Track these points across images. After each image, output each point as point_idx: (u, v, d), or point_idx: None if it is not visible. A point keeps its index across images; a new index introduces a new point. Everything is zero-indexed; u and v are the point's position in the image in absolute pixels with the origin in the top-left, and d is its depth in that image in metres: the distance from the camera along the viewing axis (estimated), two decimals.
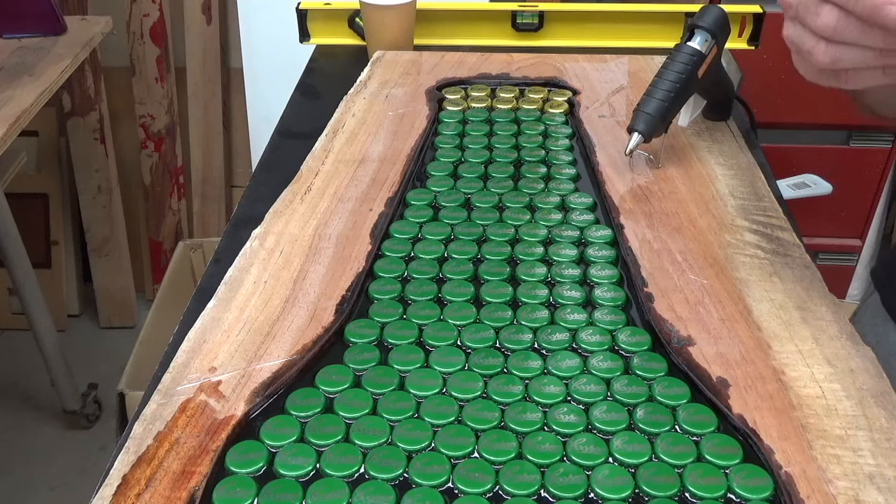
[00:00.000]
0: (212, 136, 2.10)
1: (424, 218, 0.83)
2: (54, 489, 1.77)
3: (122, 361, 1.50)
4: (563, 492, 0.55)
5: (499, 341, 0.68)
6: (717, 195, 0.86)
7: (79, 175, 2.08)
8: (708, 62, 0.87)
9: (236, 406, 0.61)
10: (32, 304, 1.74)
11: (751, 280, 0.73)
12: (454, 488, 0.55)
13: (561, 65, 1.15)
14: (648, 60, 1.16)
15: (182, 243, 1.84)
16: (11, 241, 1.67)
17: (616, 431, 0.59)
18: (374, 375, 0.64)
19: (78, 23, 1.59)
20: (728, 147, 0.95)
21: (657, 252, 0.77)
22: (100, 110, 2.02)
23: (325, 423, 0.60)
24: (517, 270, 0.76)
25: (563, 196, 0.87)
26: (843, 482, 0.55)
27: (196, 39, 2.01)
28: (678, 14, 1.28)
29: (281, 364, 0.64)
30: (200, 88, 2.05)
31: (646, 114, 0.85)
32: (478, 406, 0.61)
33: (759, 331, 0.68)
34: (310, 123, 1.02)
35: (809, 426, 0.59)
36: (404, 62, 1.16)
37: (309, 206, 0.84)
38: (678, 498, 0.55)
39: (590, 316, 0.70)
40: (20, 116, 1.27)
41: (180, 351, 0.66)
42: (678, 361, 0.65)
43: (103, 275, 2.16)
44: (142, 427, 0.59)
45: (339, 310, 0.70)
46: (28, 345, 1.86)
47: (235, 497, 0.54)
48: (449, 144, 0.96)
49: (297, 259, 0.76)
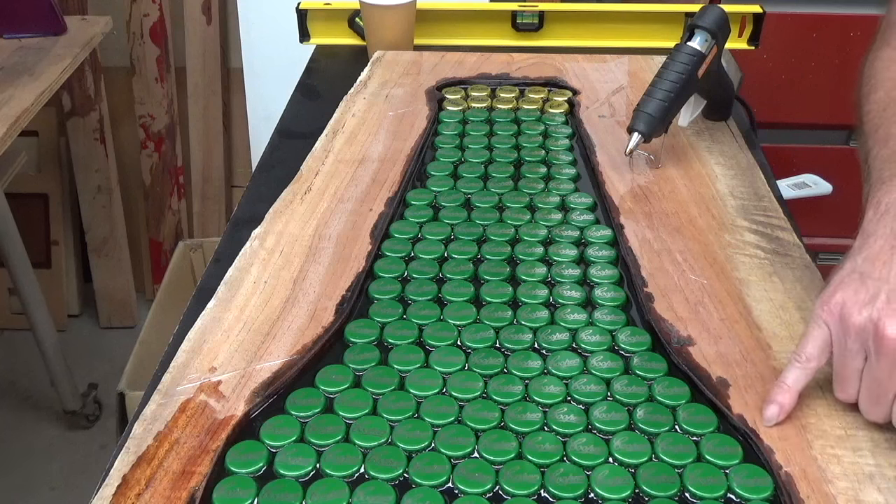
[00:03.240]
0: (212, 136, 2.09)
1: (424, 218, 0.83)
2: (54, 489, 1.77)
3: (122, 361, 1.50)
4: (563, 492, 0.55)
5: (499, 341, 0.68)
6: (717, 195, 0.86)
7: (79, 175, 2.07)
8: (708, 62, 0.87)
9: (236, 406, 0.61)
10: (32, 304, 1.73)
11: (751, 280, 0.73)
12: (454, 488, 0.55)
13: (561, 65, 1.15)
14: (648, 60, 1.16)
15: (182, 243, 1.84)
16: (11, 241, 1.67)
17: (616, 431, 0.59)
18: (374, 375, 0.64)
19: (78, 23, 1.58)
20: (728, 147, 0.95)
21: (657, 252, 0.77)
22: (100, 110, 2.02)
23: (325, 423, 0.60)
24: (517, 270, 0.76)
25: (563, 196, 0.87)
26: (843, 482, 0.55)
27: (196, 39, 2.01)
28: (678, 14, 1.28)
29: (281, 364, 0.64)
30: (200, 88, 2.05)
31: (646, 114, 0.85)
32: (478, 406, 0.61)
33: (759, 331, 0.68)
34: (310, 123, 1.02)
35: (809, 426, 0.59)
36: (404, 62, 1.16)
37: (309, 206, 0.84)
38: (678, 498, 0.55)
39: (590, 316, 0.70)
40: (20, 116, 1.26)
41: (180, 351, 0.66)
42: (678, 361, 0.65)
43: (103, 275, 2.16)
44: (142, 427, 0.59)
45: (339, 310, 0.70)
46: (28, 345, 1.86)
47: (235, 497, 0.54)
48: (449, 144, 0.96)
49: (297, 259, 0.76)
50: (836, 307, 0.58)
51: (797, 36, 1.54)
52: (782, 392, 0.59)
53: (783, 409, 0.59)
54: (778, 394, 0.59)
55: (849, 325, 0.57)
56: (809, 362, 0.59)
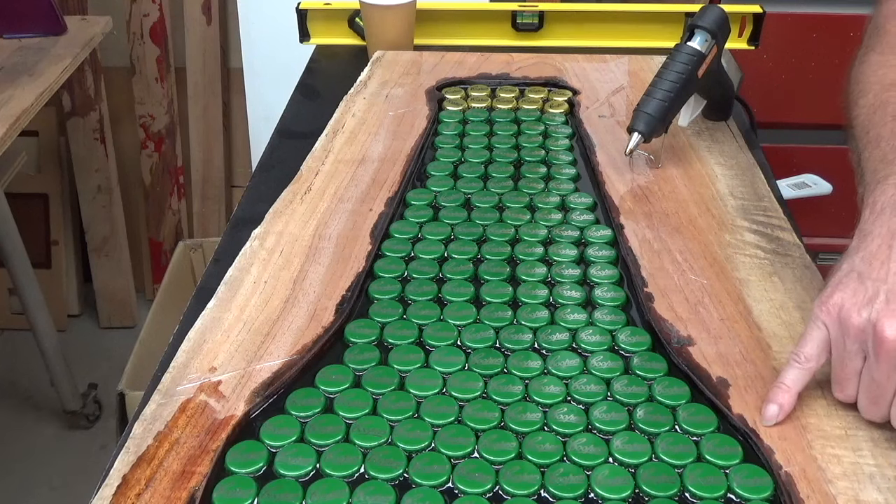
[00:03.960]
0: (212, 136, 2.10)
1: (424, 218, 0.83)
2: (54, 489, 1.77)
3: (122, 361, 1.50)
4: (563, 492, 0.55)
5: (499, 341, 0.68)
6: (717, 195, 0.86)
7: (79, 175, 2.07)
8: (708, 62, 0.87)
9: (236, 406, 0.61)
10: (32, 304, 1.73)
11: (751, 280, 0.73)
12: (454, 488, 0.55)
13: (561, 65, 1.15)
14: (648, 60, 1.16)
15: (182, 243, 1.84)
16: (11, 241, 1.67)
17: (616, 431, 0.59)
18: (374, 375, 0.64)
19: (78, 23, 1.58)
20: (728, 147, 0.95)
21: (657, 252, 0.77)
22: (100, 110, 2.02)
23: (325, 423, 0.60)
24: (517, 270, 0.76)
25: (563, 196, 0.87)
26: (843, 482, 0.55)
27: (196, 39, 2.01)
28: (678, 14, 1.28)
29: (281, 364, 0.64)
30: (200, 88, 2.05)
31: (646, 114, 0.85)
32: (478, 406, 0.61)
33: (759, 331, 0.68)
34: (310, 123, 1.02)
35: (809, 426, 0.59)
36: (404, 62, 1.16)
37: (309, 206, 0.84)
38: (678, 498, 0.55)
39: (590, 316, 0.70)
40: (20, 116, 1.26)
41: (180, 351, 0.66)
42: (678, 361, 0.65)
43: (103, 275, 2.16)
44: (142, 427, 0.59)
45: (339, 310, 0.70)
46: (28, 345, 1.86)
47: (235, 497, 0.54)
48: (449, 144, 0.96)
49: (297, 259, 0.76)
50: (834, 308, 0.58)
51: (797, 36, 1.54)
52: (781, 392, 0.59)
53: (783, 410, 0.59)
54: (777, 394, 0.59)
55: (848, 326, 0.57)
56: (808, 362, 0.59)
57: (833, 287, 0.59)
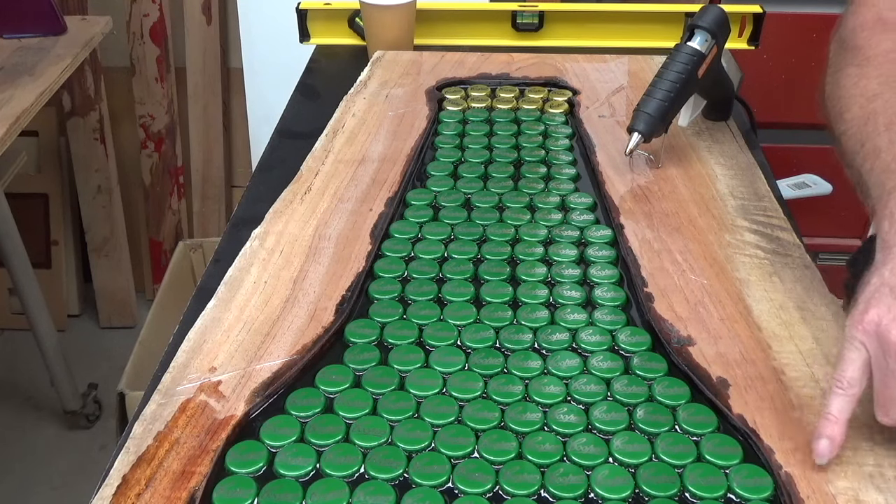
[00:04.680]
0: (212, 136, 2.09)
1: (424, 218, 0.83)
2: (55, 489, 1.77)
3: (122, 361, 1.50)
4: (563, 492, 0.55)
5: (499, 341, 0.68)
6: (717, 195, 0.86)
7: (79, 175, 2.07)
8: (708, 62, 0.87)
9: (236, 406, 0.61)
10: (32, 304, 1.73)
11: (751, 280, 0.73)
12: (454, 488, 0.55)
13: (561, 65, 1.15)
14: (648, 60, 1.16)
15: (182, 243, 1.84)
16: (11, 241, 1.67)
17: (616, 431, 0.59)
18: (374, 375, 0.64)
19: (78, 23, 1.58)
20: (728, 147, 0.95)
21: (657, 252, 0.77)
22: (100, 110, 2.02)
23: (325, 423, 0.60)
24: (517, 270, 0.76)
25: (563, 196, 0.87)
26: (843, 482, 0.55)
27: (196, 39, 2.01)
28: (678, 14, 1.28)
29: (281, 364, 0.64)
30: (200, 88, 2.05)
31: (646, 114, 0.85)
32: (478, 406, 0.61)
33: (759, 331, 0.68)
34: (310, 123, 1.02)
35: (810, 426, 0.59)
36: (404, 62, 1.16)
37: (309, 206, 0.84)
38: (678, 498, 0.55)
39: (590, 316, 0.70)
40: (20, 116, 1.26)
41: (180, 351, 0.66)
42: (678, 361, 0.65)
43: (103, 275, 2.16)
44: (142, 427, 0.59)
45: (339, 310, 0.70)
46: (28, 345, 1.86)
47: (235, 497, 0.54)
48: (449, 144, 0.96)
49: (297, 259, 0.76)
50: (870, 326, 0.54)
51: (797, 36, 1.53)
52: (830, 424, 0.55)
53: (834, 443, 0.55)
54: (826, 427, 0.55)
55: (888, 344, 0.53)
56: (851, 388, 0.55)
57: (866, 304, 0.55)
